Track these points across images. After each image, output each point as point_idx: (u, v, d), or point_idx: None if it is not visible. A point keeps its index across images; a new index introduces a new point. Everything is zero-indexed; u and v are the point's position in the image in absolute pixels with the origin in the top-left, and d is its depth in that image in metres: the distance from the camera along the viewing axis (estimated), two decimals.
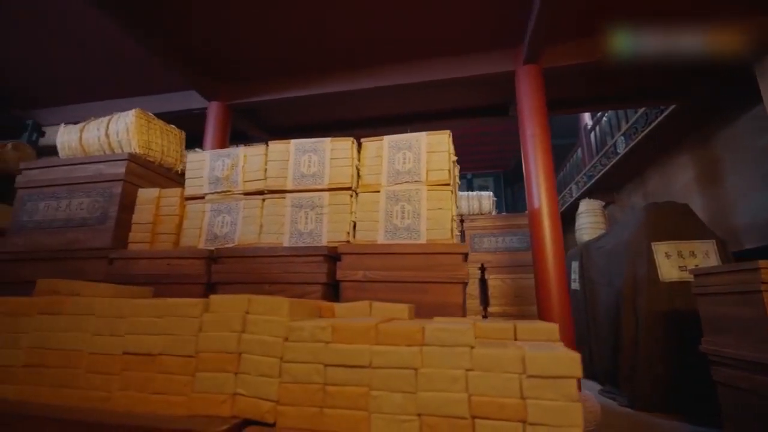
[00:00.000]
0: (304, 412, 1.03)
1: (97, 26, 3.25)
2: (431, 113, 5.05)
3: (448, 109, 5.01)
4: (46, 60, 3.73)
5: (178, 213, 2.31)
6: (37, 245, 2.34)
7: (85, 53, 3.66)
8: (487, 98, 4.59)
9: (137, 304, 1.22)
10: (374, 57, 3.91)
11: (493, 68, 3.51)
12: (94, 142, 2.52)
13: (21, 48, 3.56)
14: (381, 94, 4.24)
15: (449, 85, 3.95)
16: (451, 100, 4.76)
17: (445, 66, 3.75)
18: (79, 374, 1.19)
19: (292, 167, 2.24)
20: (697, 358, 2.87)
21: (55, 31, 3.35)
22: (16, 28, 3.30)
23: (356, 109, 4.98)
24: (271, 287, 1.93)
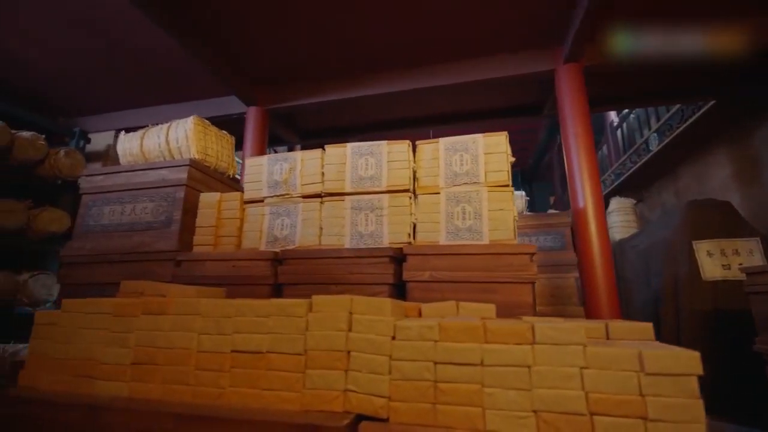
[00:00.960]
0: (416, 408, 1.07)
1: (143, 36, 3.36)
2: (461, 114, 5.06)
3: (478, 110, 5.01)
4: (92, 69, 3.87)
5: (239, 216, 2.38)
6: (104, 248, 2.44)
7: (130, 62, 3.78)
8: (519, 98, 4.58)
9: (242, 304, 1.28)
10: (408, 60, 3.94)
11: (532, 68, 3.51)
12: (154, 149, 2.62)
13: (68, 57, 3.69)
14: (411, 96, 4.27)
15: (483, 86, 3.97)
16: (481, 100, 4.76)
17: (482, 66, 3.77)
18: (189, 371, 1.26)
19: (350, 170, 2.29)
20: (745, 357, 2.83)
21: (101, 40, 3.47)
22: (63, 38, 3.43)
23: (387, 111, 5.03)
24: (337, 288, 1.98)
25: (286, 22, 3.33)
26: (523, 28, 3.34)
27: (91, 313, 1.43)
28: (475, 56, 3.82)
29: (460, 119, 5.15)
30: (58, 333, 1.44)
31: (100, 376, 1.33)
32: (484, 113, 5.07)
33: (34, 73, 3.83)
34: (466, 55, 3.83)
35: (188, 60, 3.60)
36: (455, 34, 3.53)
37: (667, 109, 5.49)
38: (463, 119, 5.16)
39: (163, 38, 3.34)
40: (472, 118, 5.16)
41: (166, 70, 3.91)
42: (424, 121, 5.25)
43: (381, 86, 4.19)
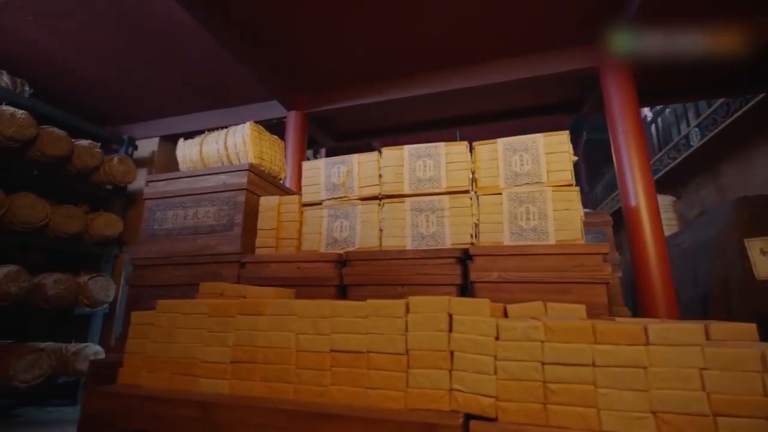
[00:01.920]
0: (526, 408, 1.08)
1: (189, 45, 3.47)
2: (496, 113, 5.04)
3: (507, 109, 4.97)
4: (139, 78, 4.02)
5: (298, 219, 2.44)
6: (170, 251, 2.54)
7: (176, 71, 3.91)
8: (552, 96, 4.52)
9: (338, 305, 1.32)
10: (444, 60, 3.96)
11: (575, 65, 3.47)
12: (213, 154, 2.71)
13: (119, 67, 3.85)
14: (444, 98, 4.29)
15: (516, 85, 3.95)
16: (512, 100, 4.72)
17: (522, 65, 3.74)
18: (291, 370, 1.30)
19: (408, 172, 2.32)
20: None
21: (151, 50, 3.60)
22: (116, 49, 3.57)
23: (419, 113, 5.04)
24: (402, 289, 2.00)
25: (328, 28, 3.40)
26: (566, 24, 3.31)
27: (187, 313, 1.50)
28: (513, 55, 3.80)
29: (488, 119, 5.14)
30: (156, 333, 1.52)
31: (201, 374, 1.40)
32: (514, 112, 5.03)
33: (87, 83, 4.00)
34: (506, 55, 3.81)
35: (234, 67, 3.70)
36: (493, 34, 3.52)
37: (708, 104, 5.32)
38: (492, 119, 5.14)
39: (207, 47, 3.46)
40: (501, 117, 5.13)
41: (209, 78, 4.03)
42: (454, 121, 5.25)
43: (416, 88, 4.22)
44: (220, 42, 3.14)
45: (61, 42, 3.43)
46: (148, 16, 3.13)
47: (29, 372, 2.97)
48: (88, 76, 3.88)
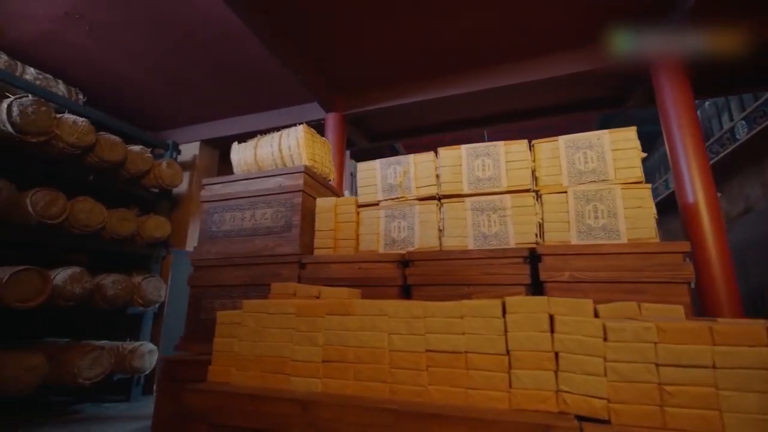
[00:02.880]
0: (641, 410, 1.07)
1: (233, 52, 3.55)
2: (533, 109, 4.96)
3: (550, 105, 4.89)
4: (184, 84, 4.13)
5: (355, 220, 2.47)
6: (229, 252, 2.60)
7: (219, 77, 4.00)
8: (596, 91, 4.42)
9: (432, 306, 1.33)
10: (484, 59, 3.93)
11: (625, 59, 3.38)
12: (267, 157, 2.76)
13: (166, 74, 3.97)
14: (481, 96, 4.25)
15: (557, 82, 3.89)
16: (554, 96, 4.64)
17: (569, 60, 3.68)
18: (385, 369, 1.32)
19: (466, 171, 2.31)
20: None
21: (198, 58, 3.70)
22: (167, 57, 3.68)
23: (454, 111, 5.02)
24: (469, 289, 2.00)
25: (364, 31, 3.42)
26: (616, 17, 3.23)
27: (273, 313, 1.53)
28: (554, 52, 3.74)
29: (533, 114, 5.06)
30: (243, 332, 1.56)
31: (293, 372, 1.43)
32: (549, 109, 4.95)
33: (134, 89, 4.14)
34: (548, 51, 3.76)
35: (276, 71, 3.77)
36: (536, 31, 3.48)
37: (754, 96, 5.11)
38: (538, 114, 5.06)
39: (253, 52, 3.54)
40: (536, 114, 5.06)
41: (251, 82, 4.11)
42: (481, 120, 5.21)
43: (452, 88, 4.21)
44: (268, 46, 3.20)
45: (113, 51, 3.56)
46: (197, 22, 3.22)
47: (92, 369, 3.10)
48: (136, 82, 4.02)
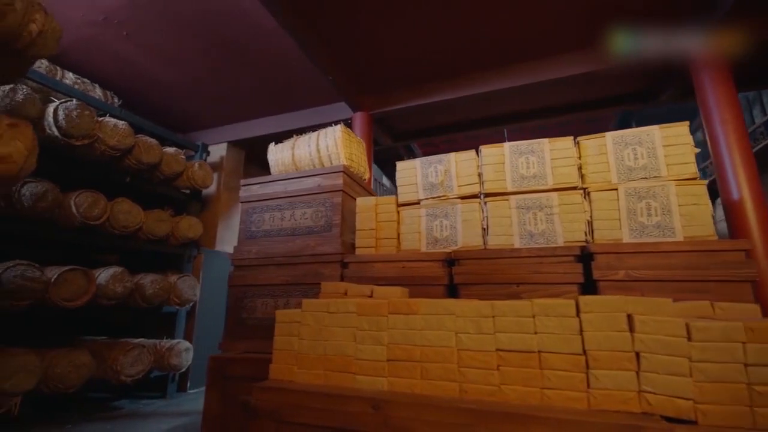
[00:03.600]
0: (730, 411, 1.04)
1: (270, 50, 3.58)
2: (557, 107, 4.90)
3: (576, 102, 4.82)
4: (214, 86, 4.19)
5: (396, 219, 2.47)
6: (269, 252, 2.63)
7: (250, 77, 4.05)
8: (625, 87, 4.34)
9: (501, 305, 1.32)
10: (511, 57, 3.89)
11: (660, 54, 3.31)
12: (305, 157, 2.78)
13: (197, 76, 4.02)
14: (510, 93, 4.21)
15: (583, 78, 3.83)
16: (581, 92, 4.57)
17: (600, 58, 3.62)
18: (453, 369, 1.31)
19: (510, 169, 2.29)
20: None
21: (229, 59, 3.74)
22: (199, 59, 3.74)
23: (479, 110, 4.99)
24: (518, 288, 1.98)
25: (396, 29, 3.41)
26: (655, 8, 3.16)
27: (334, 312, 1.54)
28: (586, 48, 3.68)
29: (556, 112, 5.00)
30: (304, 331, 1.57)
31: (358, 371, 1.43)
32: (575, 106, 4.88)
33: (166, 92, 4.22)
34: (577, 47, 3.70)
35: (306, 71, 3.80)
36: (568, 26, 3.43)
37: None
38: (561, 111, 5.00)
39: (284, 53, 3.57)
40: (560, 112, 4.99)
41: (280, 83, 4.14)
42: (502, 119, 5.17)
43: (477, 86, 4.19)
44: (301, 46, 3.22)
45: (148, 55, 3.63)
46: (229, 24, 3.25)
47: (134, 367, 3.17)
48: (168, 85, 4.09)
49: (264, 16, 3.06)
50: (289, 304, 2.50)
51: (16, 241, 3.03)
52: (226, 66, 3.83)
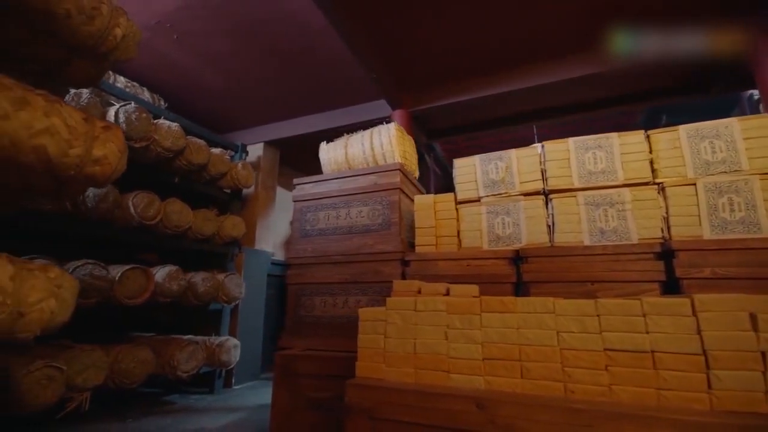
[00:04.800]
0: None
1: (315, 49, 3.59)
2: (592, 102, 4.78)
3: (610, 96, 4.70)
4: (254, 85, 4.23)
5: (455, 217, 2.45)
6: (326, 250, 2.65)
7: (291, 76, 4.08)
8: (665, 81, 4.21)
9: (603, 303, 1.29)
10: (552, 51, 3.82)
11: (721, 41, 3.19)
12: (358, 155, 2.79)
13: (237, 75, 4.07)
14: (547, 89, 4.15)
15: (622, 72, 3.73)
16: (621, 86, 4.45)
17: (647, 47, 3.51)
18: (556, 368, 1.30)
19: (576, 165, 2.25)
20: None
21: (273, 57, 3.77)
22: (246, 62, 3.79)
23: (516, 105, 4.90)
24: (592, 286, 1.94)
25: (444, 22, 3.38)
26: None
27: (422, 310, 1.54)
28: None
29: (592, 107, 4.88)
30: (391, 329, 1.57)
31: (451, 369, 1.43)
32: (611, 100, 4.75)
33: (210, 93, 4.29)
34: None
35: (348, 69, 3.81)
36: (614, 19, 3.34)
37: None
38: (596, 107, 4.88)
39: (329, 51, 3.59)
40: (599, 106, 4.87)
41: (321, 82, 4.16)
42: (533, 115, 5.09)
43: (517, 82, 4.13)
44: (349, 44, 3.22)
45: (193, 57, 3.70)
46: (279, 26, 3.28)
47: (189, 363, 3.24)
48: (211, 87, 4.16)
49: (313, 16, 3.07)
50: (348, 302, 2.52)
51: (71, 241, 3.14)
52: (268, 67, 3.87)
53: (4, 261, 1.26)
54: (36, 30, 1.63)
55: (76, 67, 1.82)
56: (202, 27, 3.27)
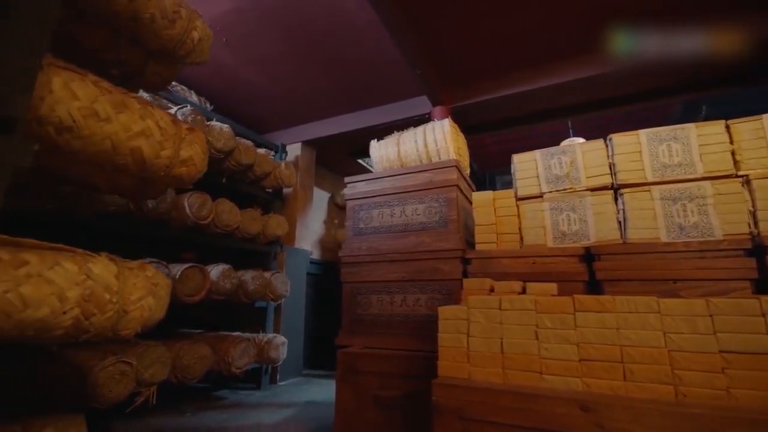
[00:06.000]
0: None
1: (361, 47, 3.57)
2: (634, 94, 4.59)
3: (659, 87, 4.50)
4: (296, 85, 4.27)
5: (516, 213, 2.39)
6: (381, 248, 2.64)
7: (330, 75, 4.09)
8: (716, 71, 3.99)
9: (717, 303, 1.22)
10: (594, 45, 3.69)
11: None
12: (411, 153, 2.76)
13: (282, 76, 4.12)
14: (595, 81, 4.01)
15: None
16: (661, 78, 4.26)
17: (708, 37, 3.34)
18: (665, 371, 1.23)
19: (648, 158, 2.15)
20: None
21: (316, 56, 3.79)
22: (289, 62, 3.82)
23: (552, 100, 4.78)
24: (676, 284, 1.85)
25: (482, 18, 3.32)
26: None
27: (507, 309, 1.50)
28: (694, 25, 3.41)
29: (637, 98, 4.69)
30: (474, 328, 1.54)
31: (545, 370, 1.38)
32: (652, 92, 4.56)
33: (253, 95, 4.36)
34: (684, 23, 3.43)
35: (391, 67, 3.79)
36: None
37: None
38: (639, 98, 4.68)
39: (362, 52, 3.59)
40: (638, 99, 4.67)
41: (362, 80, 4.16)
42: (568, 110, 4.93)
43: (559, 75, 4.03)
44: (396, 39, 3.19)
45: (240, 59, 3.76)
46: (326, 23, 3.28)
47: (242, 359, 3.31)
48: (255, 88, 4.22)
49: (361, 11, 3.06)
50: (406, 300, 2.50)
51: (126, 240, 3.24)
52: (311, 66, 3.89)
53: (106, 260, 1.30)
54: (119, 35, 1.67)
55: (151, 70, 1.86)
56: (252, 29, 3.31)
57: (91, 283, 1.20)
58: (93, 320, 1.21)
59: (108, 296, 1.25)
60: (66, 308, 1.14)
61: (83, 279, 1.19)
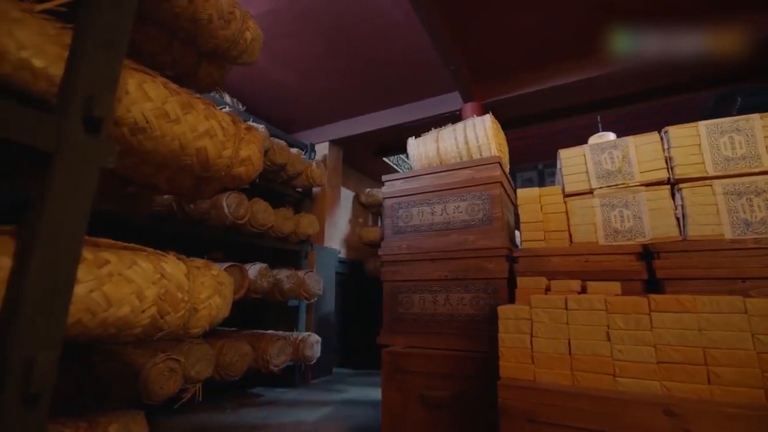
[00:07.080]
0: None
1: (393, 44, 3.55)
2: (662, 88, 4.42)
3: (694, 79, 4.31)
4: (326, 85, 4.28)
5: (564, 210, 2.33)
6: (422, 247, 2.61)
7: (360, 74, 4.07)
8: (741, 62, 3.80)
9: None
10: None
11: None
12: (451, 149, 2.72)
13: (312, 76, 4.13)
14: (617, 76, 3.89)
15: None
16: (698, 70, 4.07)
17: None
18: (754, 374, 1.17)
19: (709, 151, 2.05)
20: None
21: (347, 55, 3.78)
22: (317, 58, 3.83)
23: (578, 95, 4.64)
24: (745, 284, 1.76)
25: (514, 8, 3.25)
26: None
27: (574, 309, 1.45)
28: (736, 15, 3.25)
29: (666, 92, 4.52)
30: (538, 328, 1.50)
31: (618, 373, 1.33)
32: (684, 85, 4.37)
33: (284, 95, 4.40)
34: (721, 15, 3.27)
35: (422, 64, 3.75)
36: None
37: None
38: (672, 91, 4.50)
39: (393, 49, 3.55)
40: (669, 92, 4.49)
41: (392, 78, 4.13)
42: (596, 105, 4.78)
43: (592, 69, 3.92)
44: (432, 35, 3.15)
45: (274, 60, 3.78)
46: (360, 21, 3.27)
47: (279, 357, 3.33)
48: (286, 88, 4.25)
49: (396, 6, 3.03)
50: (449, 299, 2.47)
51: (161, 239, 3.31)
52: (343, 65, 3.89)
53: (175, 259, 1.31)
54: (175, 36, 1.69)
55: (204, 71, 1.88)
56: (287, 30, 3.33)
57: (165, 282, 1.21)
58: (167, 318, 1.22)
59: (180, 295, 1.26)
60: (144, 307, 1.15)
61: (158, 278, 1.20)
